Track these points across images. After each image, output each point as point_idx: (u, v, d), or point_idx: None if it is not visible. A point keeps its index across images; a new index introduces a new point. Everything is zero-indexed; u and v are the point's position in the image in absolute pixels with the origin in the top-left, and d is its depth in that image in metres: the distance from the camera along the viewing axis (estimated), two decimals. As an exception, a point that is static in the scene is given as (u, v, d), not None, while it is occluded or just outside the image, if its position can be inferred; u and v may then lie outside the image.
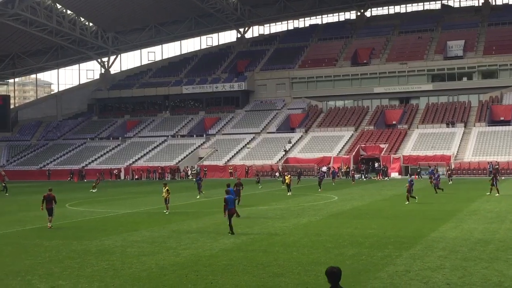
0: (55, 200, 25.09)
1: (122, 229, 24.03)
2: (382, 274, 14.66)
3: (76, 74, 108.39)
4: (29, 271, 15.75)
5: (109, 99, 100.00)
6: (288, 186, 40.91)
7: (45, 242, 20.93)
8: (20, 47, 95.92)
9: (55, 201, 25.14)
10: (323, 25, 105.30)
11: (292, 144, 76.81)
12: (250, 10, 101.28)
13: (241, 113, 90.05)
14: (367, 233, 21.44)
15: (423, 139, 71.93)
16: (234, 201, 22.55)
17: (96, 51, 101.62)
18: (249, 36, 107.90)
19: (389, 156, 68.39)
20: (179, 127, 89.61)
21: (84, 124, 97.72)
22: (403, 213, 27.94)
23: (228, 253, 17.86)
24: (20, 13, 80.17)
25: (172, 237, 21.42)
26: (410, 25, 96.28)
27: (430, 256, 16.81)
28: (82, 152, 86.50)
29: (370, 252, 17.55)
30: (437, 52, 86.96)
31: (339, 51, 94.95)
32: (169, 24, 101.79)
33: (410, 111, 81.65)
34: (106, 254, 18.22)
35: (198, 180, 41.35)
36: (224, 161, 75.88)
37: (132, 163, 79.61)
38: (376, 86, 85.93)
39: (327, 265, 15.73)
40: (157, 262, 16.76)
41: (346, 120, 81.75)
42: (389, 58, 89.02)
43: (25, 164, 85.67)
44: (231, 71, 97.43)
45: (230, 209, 21.50)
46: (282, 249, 18.36)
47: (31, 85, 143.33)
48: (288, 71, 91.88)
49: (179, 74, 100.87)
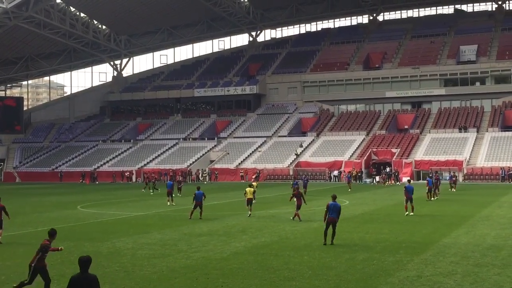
0: (5, 211, 21.71)
1: (133, 231, 24.09)
2: (393, 279, 14.60)
3: (88, 77, 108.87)
4: (41, 272, 15.79)
5: (121, 101, 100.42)
6: (250, 202, 29.56)
7: (57, 243, 20.99)
8: (33, 49, 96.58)
9: (6, 212, 21.75)
10: (335, 29, 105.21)
11: (303, 148, 76.71)
12: (262, 13, 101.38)
13: (253, 117, 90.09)
14: (379, 238, 21.36)
15: (435, 144, 71.59)
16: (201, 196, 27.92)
17: (109, 54, 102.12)
18: (261, 39, 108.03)
19: (401, 160, 68.12)
20: (190, 130, 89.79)
21: (96, 126, 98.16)
22: (415, 218, 27.81)
23: (238, 257, 17.86)
24: (34, 15, 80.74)
25: (183, 239, 21.46)
26: (423, 29, 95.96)
27: (442, 261, 16.72)
28: (94, 154, 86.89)
29: (381, 257, 17.48)
30: (450, 57, 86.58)
31: (351, 55, 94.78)
32: (182, 27, 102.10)
33: (422, 115, 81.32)
34: (117, 256, 18.29)
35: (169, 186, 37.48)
36: (235, 164, 75.92)
37: (143, 165, 79.83)
38: (388, 91, 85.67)
39: (338, 269, 15.74)
40: (168, 264, 16.80)
41: (357, 124, 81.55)
42: (402, 62, 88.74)
43: (38, 165, 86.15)
44: (243, 74, 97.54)
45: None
46: (293, 253, 18.33)
47: (44, 87, 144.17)
48: (300, 74, 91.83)
49: (191, 77, 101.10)
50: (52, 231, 13.61)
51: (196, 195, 27.99)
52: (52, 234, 13.56)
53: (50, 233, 13.57)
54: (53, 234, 13.58)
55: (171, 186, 37.44)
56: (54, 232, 13.64)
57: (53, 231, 13.61)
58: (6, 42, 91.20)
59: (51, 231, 13.62)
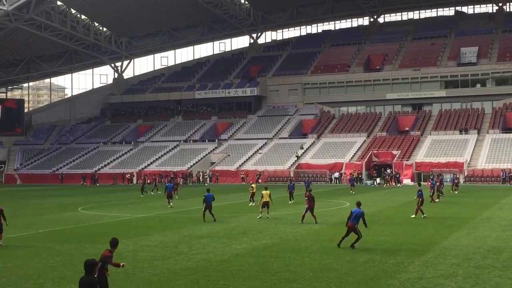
0: (3, 215, 21.19)
1: (134, 233, 24.10)
2: (394, 281, 14.59)
3: (89, 79, 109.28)
4: (42, 275, 15.84)
5: (122, 103, 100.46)
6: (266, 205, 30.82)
7: (58, 246, 21.03)
8: (34, 51, 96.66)
9: (4, 217, 21.22)
10: (336, 31, 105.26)
11: (304, 150, 76.72)
12: (263, 15, 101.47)
13: (253, 119, 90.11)
14: (379, 240, 21.36)
15: (436, 145, 71.57)
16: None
17: (110, 56, 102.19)
18: (262, 41, 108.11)
19: (402, 162, 68.11)
20: (191, 132, 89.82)
21: (97, 128, 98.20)
22: (416, 220, 27.80)
23: (239, 259, 17.86)
24: (35, 18, 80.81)
25: (183, 241, 21.46)
26: (424, 31, 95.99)
27: (443, 263, 16.72)
28: (95, 156, 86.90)
29: (382, 259, 17.48)
30: (451, 59, 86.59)
31: (351, 57, 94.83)
32: (182, 29, 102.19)
33: (423, 117, 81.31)
34: (118, 258, 18.20)
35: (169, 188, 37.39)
36: (236, 166, 75.92)
37: (144, 167, 79.84)
38: (389, 92, 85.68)
39: (339, 271, 15.74)
40: (169, 266, 16.80)
41: (358, 126, 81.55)
42: (402, 64, 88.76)
43: (39, 167, 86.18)
44: (243, 76, 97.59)
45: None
46: (293, 255, 18.33)
47: (45, 89, 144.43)
48: (300, 76, 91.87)
49: (192, 79, 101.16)
50: (114, 241, 12.18)
51: (206, 197, 27.49)
52: (113, 244, 12.16)
53: (111, 243, 12.15)
54: (115, 244, 12.16)
55: (171, 188, 37.44)
56: (116, 241, 12.21)
57: (114, 241, 12.18)
58: (7, 44, 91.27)
59: (113, 241, 12.16)
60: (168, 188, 37.42)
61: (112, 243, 12.12)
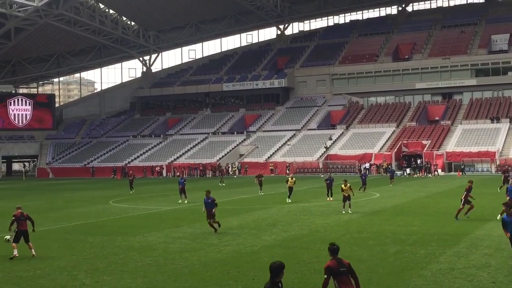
0: (30, 219, 18.20)
1: (165, 225, 24.32)
2: (426, 272, 14.49)
3: (118, 73, 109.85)
4: (75, 267, 16.10)
5: (151, 97, 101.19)
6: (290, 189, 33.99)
7: (90, 238, 21.34)
8: (64, 46, 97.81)
9: (31, 220, 18.32)
10: (364, 21, 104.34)
11: (333, 141, 76.41)
12: (290, 6, 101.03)
13: (282, 110, 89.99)
14: (410, 230, 21.22)
15: (466, 135, 70.65)
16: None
17: (138, 49, 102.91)
18: (289, 32, 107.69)
19: (432, 152, 67.41)
20: (219, 124, 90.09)
21: (127, 122, 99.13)
22: (447, 210, 27.52)
23: (269, 250, 17.91)
24: (64, 13, 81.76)
25: (213, 233, 21.56)
26: (453, 19, 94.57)
27: (475, 254, 16.55)
28: (125, 150, 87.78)
29: (413, 250, 17.37)
30: (481, 47, 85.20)
31: (380, 46, 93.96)
32: (209, 21, 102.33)
33: (453, 106, 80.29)
34: (149, 250, 18.49)
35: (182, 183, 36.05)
36: (264, 158, 75.98)
37: (173, 160, 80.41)
38: (418, 82, 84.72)
39: (369, 262, 15.68)
40: (199, 258, 16.93)
41: (387, 116, 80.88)
42: (431, 53, 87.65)
43: (70, 161, 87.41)
44: (271, 68, 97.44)
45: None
46: (323, 246, 18.22)
47: (75, 84, 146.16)
48: (328, 67, 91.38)
49: (220, 71, 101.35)
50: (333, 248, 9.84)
51: (205, 204, 22.17)
52: (333, 250, 9.84)
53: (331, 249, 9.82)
54: (334, 251, 9.83)
55: (183, 183, 36.06)
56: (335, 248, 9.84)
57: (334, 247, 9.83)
58: (37, 40, 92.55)
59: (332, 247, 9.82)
60: (180, 183, 36.04)
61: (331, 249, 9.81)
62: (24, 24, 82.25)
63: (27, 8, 76.33)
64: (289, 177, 36.46)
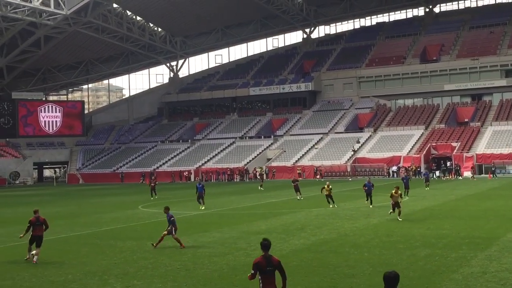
0: (46, 224, 18.37)
1: (193, 230, 24.41)
2: (457, 275, 14.32)
3: (146, 79, 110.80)
4: (106, 271, 16.26)
5: (178, 102, 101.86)
6: (329, 197, 32.59)
7: (120, 243, 21.53)
8: (92, 54, 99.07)
9: (47, 226, 18.41)
10: (390, 23, 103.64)
11: (360, 144, 75.99)
12: (316, 10, 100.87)
13: (309, 114, 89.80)
14: (440, 234, 20.97)
15: (497, 136, 69.64)
16: None
17: (165, 55, 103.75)
18: (315, 36, 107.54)
19: (462, 154, 66.59)
20: (247, 129, 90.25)
21: (155, 127, 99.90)
22: (477, 213, 27.16)
23: (298, 254, 17.86)
24: (93, 21, 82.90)
25: (242, 238, 21.61)
26: (481, 19, 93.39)
27: (507, 257, 16.29)
28: (153, 155, 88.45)
29: (443, 253, 17.17)
30: (511, 47, 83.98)
31: (407, 48, 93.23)
32: (235, 26, 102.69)
33: (483, 108, 79.23)
34: (178, 254, 18.58)
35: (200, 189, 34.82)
36: (292, 162, 75.87)
37: (201, 165, 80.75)
38: (447, 83, 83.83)
39: (399, 266, 15.54)
40: (228, 262, 16.96)
41: (415, 118, 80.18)
42: (460, 54, 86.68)
43: (100, 167, 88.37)
44: (297, 71, 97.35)
45: None
46: (352, 250, 18.20)
47: (104, 90, 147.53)
48: (355, 70, 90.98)
49: (246, 76, 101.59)
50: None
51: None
52: (264, 246, 9.92)
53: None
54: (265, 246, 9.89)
55: (202, 188, 34.98)
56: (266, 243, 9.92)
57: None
58: (66, 48, 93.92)
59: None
60: (198, 189, 34.95)
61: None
62: (53, 32, 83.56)
63: (57, 17, 77.49)
64: (325, 184, 33.76)
